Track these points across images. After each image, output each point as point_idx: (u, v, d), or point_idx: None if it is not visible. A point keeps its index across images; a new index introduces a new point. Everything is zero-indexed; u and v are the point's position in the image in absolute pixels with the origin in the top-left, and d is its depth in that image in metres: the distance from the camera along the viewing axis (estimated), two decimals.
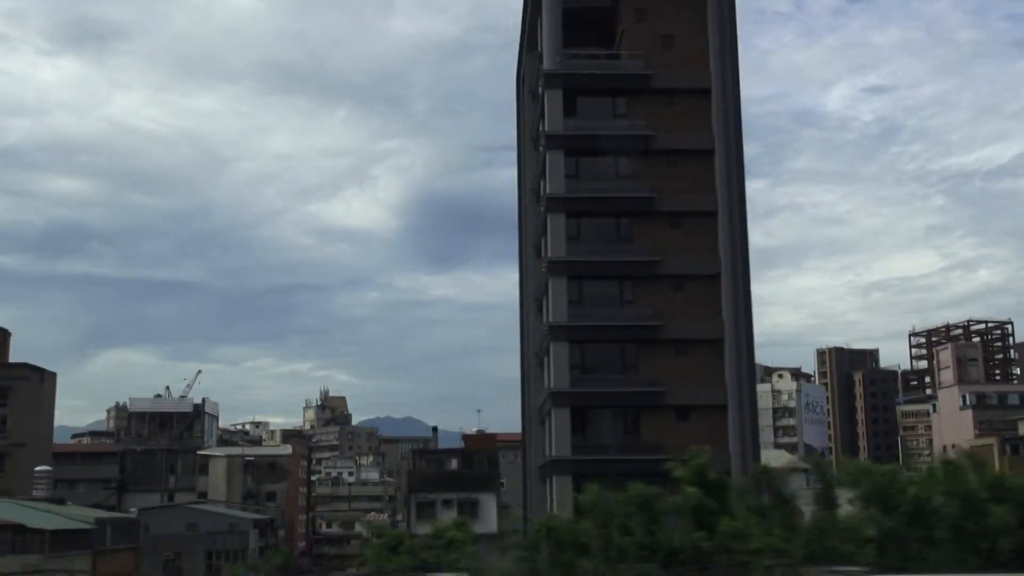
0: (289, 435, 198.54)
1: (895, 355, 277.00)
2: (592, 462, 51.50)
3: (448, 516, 66.65)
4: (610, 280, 54.15)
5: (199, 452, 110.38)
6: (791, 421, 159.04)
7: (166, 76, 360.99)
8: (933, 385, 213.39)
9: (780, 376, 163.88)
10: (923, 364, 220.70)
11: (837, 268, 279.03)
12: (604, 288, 54.12)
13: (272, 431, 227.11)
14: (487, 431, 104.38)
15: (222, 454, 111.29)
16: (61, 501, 73.93)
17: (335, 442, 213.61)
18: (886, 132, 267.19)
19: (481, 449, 72.50)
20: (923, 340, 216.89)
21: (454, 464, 69.34)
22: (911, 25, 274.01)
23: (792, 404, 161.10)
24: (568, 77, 55.30)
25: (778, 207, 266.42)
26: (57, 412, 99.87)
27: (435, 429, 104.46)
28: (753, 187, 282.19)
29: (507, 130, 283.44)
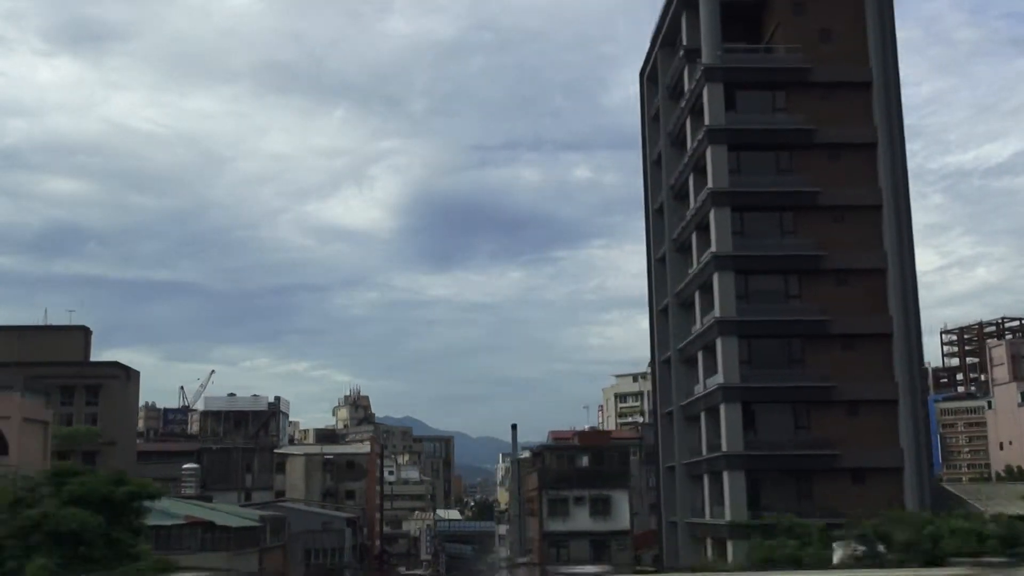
0: (322, 435, 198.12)
1: None
2: (764, 457, 51.35)
3: (581, 513, 66.45)
4: (776, 275, 53.91)
5: (276, 451, 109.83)
6: None
7: (163, 77, 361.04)
8: (965, 382, 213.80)
9: None
10: (955, 362, 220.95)
11: None
12: (770, 282, 53.89)
13: (304, 430, 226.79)
14: (561, 429, 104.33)
15: (300, 452, 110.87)
16: (208, 499, 73.88)
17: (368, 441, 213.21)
18: None
19: (609, 446, 72.16)
20: (954, 338, 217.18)
21: (584, 461, 68.97)
22: (908, 24, 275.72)
23: None
24: (728, 71, 55.08)
25: None
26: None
27: (514, 427, 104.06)
28: None
29: (504, 129, 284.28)
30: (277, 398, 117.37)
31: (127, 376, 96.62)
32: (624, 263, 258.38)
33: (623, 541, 66.22)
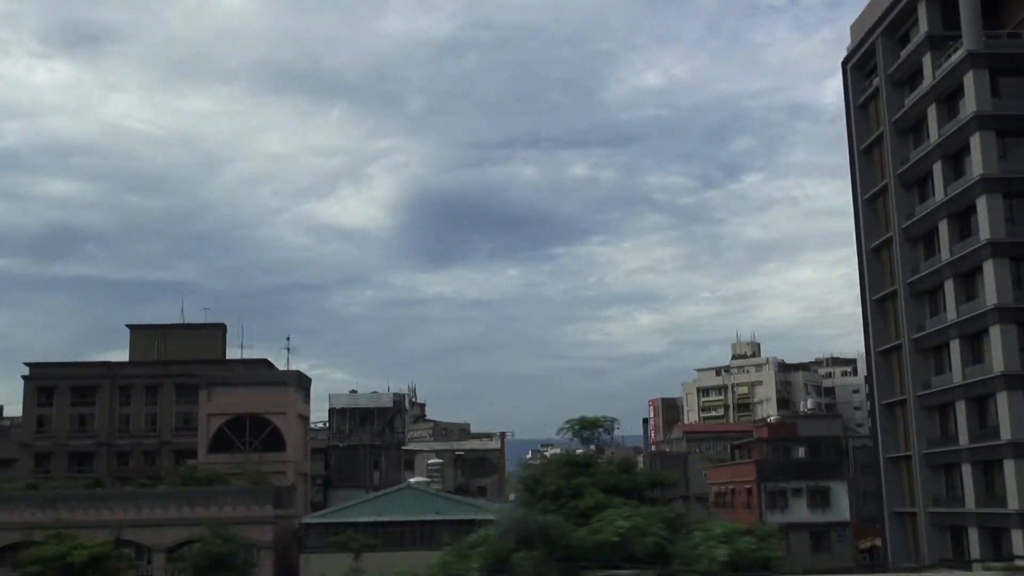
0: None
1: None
2: None
3: (799, 505, 66.14)
4: None
5: (404, 447, 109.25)
6: None
7: (160, 78, 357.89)
8: None
9: None
10: None
11: (833, 261, 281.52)
12: None
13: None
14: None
15: (430, 448, 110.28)
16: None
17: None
18: None
19: (826, 436, 71.83)
20: None
21: (801, 452, 68.64)
22: None
23: None
24: (993, 57, 54.83)
25: (773, 200, 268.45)
26: None
27: (646, 422, 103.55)
28: (748, 181, 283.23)
29: (502, 127, 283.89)
30: (403, 394, 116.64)
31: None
32: (622, 259, 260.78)
33: (842, 532, 65.93)
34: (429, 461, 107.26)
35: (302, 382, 67.82)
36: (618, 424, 43.25)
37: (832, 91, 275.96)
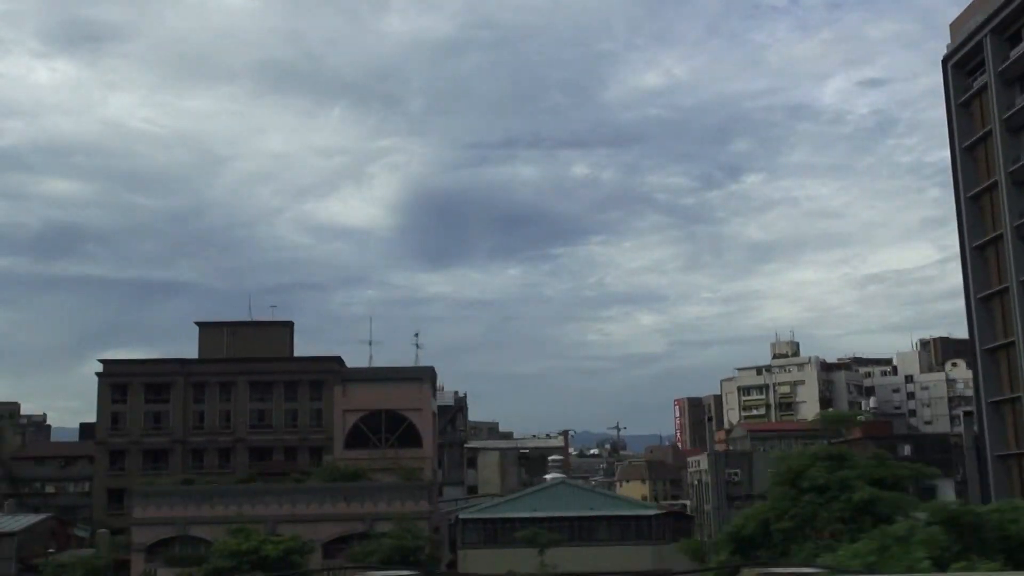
0: None
1: (892, 346, 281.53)
2: None
3: None
4: None
5: (467, 445, 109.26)
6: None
7: (161, 77, 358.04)
8: None
9: (954, 364, 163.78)
10: None
11: (833, 261, 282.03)
12: None
13: None
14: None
15: (494, 447, 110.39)
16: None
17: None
18: (881, 125, 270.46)
19: (932, 435, 71.84)
20: None
21: (907, 450, 68.75)
22: (905, 18, 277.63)
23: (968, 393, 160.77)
24: None
25: (774, 201, 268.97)
26: (52, 414, 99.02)
27: (710, 420, 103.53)
28: (748, 182, 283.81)
29: (503, 127, 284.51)
30: (465, 393, 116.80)
31: (337, 370, 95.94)
32: (623, 260, 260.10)
33: None
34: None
35: (431, 377, 67.56)
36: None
37: (831, 91, 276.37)
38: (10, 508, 79.94)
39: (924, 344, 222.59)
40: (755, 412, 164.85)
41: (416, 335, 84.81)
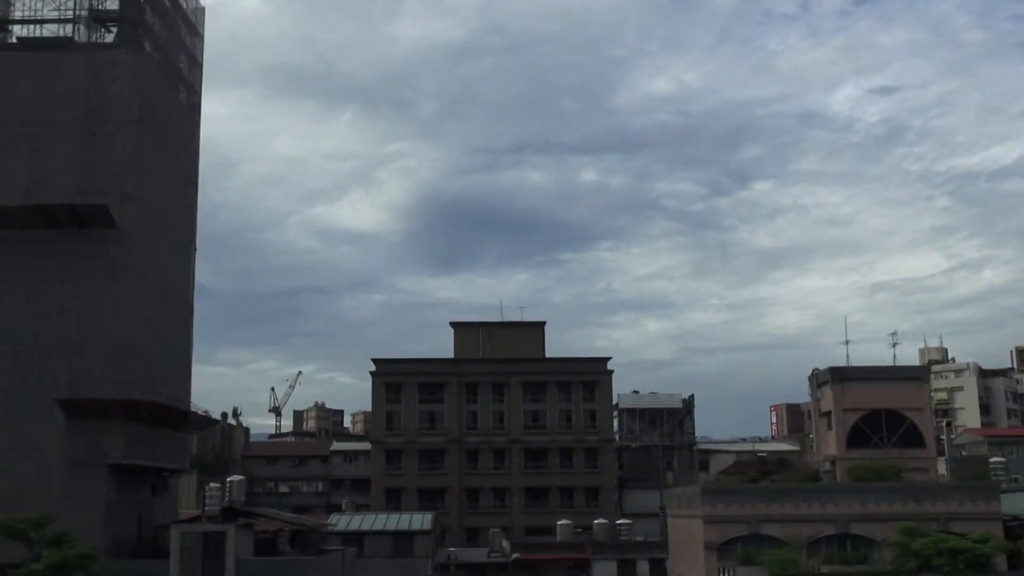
0: None
1: (901, 356, 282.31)
2: None
3: None
4: None
5: (698, 447, 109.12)
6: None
7: None
8: None
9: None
10: None
11: (842, 269, 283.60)
12: None
13: None
14: None
15: (728, 449, 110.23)
16: None
17: None
18: (891, 133, 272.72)
19: None
20: None
21: None
22: (917, 26, 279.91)
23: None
24: None
25: (783, 208, 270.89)
26: None
27: (949, 424, 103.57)
28: (758, 188, 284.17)
29: (513, 132, 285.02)
30: (691, 395, 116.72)
31: (608, 371, 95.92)
32: (631, 266, 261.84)
33: None
34: None
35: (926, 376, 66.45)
36: None
37: (842, 99, 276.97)
38: (348, 507, 79.53)
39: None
40: None
41: (894, 334, 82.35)
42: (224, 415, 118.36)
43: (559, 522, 68.80)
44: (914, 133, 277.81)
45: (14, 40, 51.67)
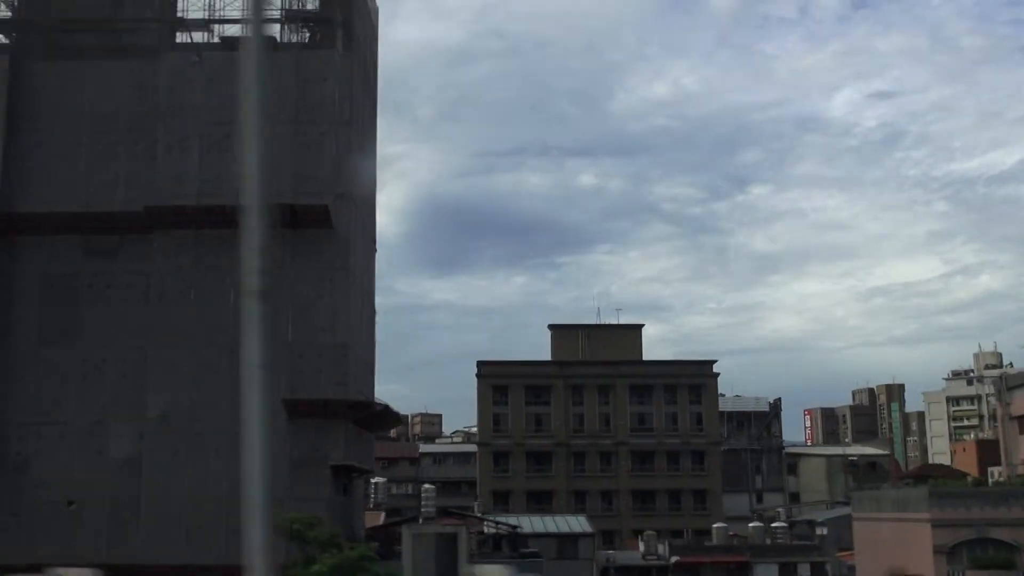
0: None
1: (897, 360, 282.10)
2: None
3: None
4: None
5: (787, 451, 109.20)
6: None
7: None
8: None
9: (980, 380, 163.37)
10: None
11: (839, 273, 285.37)
12: None
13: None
14: None
15: (818, 453, 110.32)
16: None
17: None
18: (889, 138, 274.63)
19: None
20: None
21: None
22: (915, 31, 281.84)
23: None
24: None
25: (780, 212, 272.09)
26: None
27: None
28: (755, 193, 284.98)
29: (511, 135, 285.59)
30: (779, 398, 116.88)
31: (713, 374, 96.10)
32: (628, 269, 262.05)
33: None
34: None
35: None
36: None
37: (840, 103, 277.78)
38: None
39: None
40: (966, 422, 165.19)
41: None
42: None
43: (714, 525, 68.88)
44: (912, 138, 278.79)
45: (217, 40, 51.51)
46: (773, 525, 66.90)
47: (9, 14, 52.52)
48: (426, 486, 54.85)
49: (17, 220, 49.18)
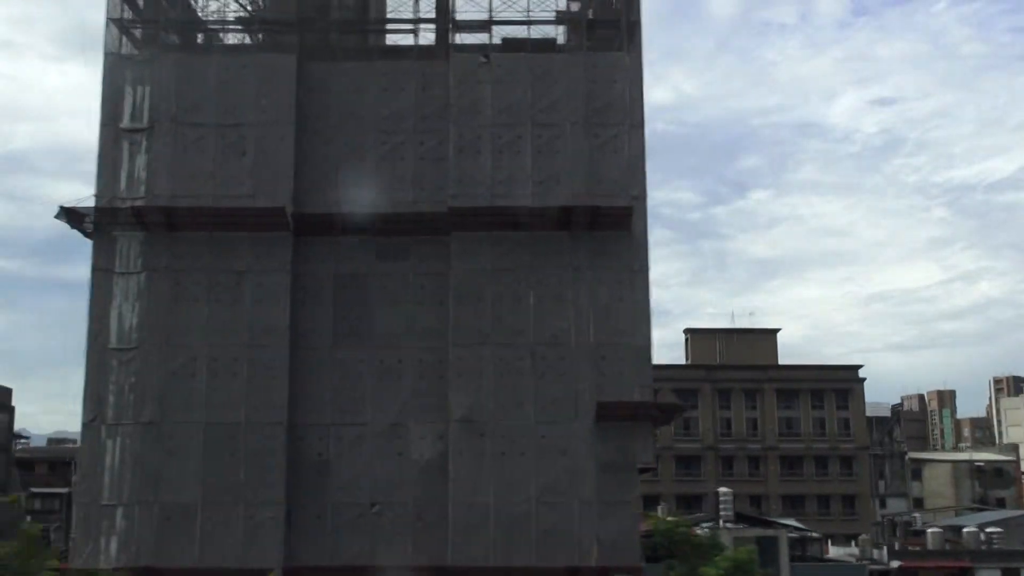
0: None
1: (895, 367, 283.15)
2: None
3: None
4: None
5: (911, 456, 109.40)
6: None
7: None
8: None
9: None
10: None
11: (838, 279, 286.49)
12: None
13: None
14: None
15: (944, 459, 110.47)
16: None
17: None
18: (889, 144, 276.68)
19: None
20: None
21: None
22: (916, 38, 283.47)
23: None
24: None
25: (780, 218, 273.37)
26: (59, 418, 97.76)
27: None
28: (755, 198, 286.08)
29: None
30: (901, 403, 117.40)
31: (860, 379, 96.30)
32: None
33: None
34: None
35: None
36: None
37: (840, 110, 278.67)
38: None
39: None
40: None
41: None
42: None
43: (929, 529, 68.95)
44: (912, 144, 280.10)
45: (498, 41, 51.33)
46: (988, 530, 66.86)
47: (289, 15, 52.27)
48: (722, 490, 54.70)
49: (308, 221, 49.17)
